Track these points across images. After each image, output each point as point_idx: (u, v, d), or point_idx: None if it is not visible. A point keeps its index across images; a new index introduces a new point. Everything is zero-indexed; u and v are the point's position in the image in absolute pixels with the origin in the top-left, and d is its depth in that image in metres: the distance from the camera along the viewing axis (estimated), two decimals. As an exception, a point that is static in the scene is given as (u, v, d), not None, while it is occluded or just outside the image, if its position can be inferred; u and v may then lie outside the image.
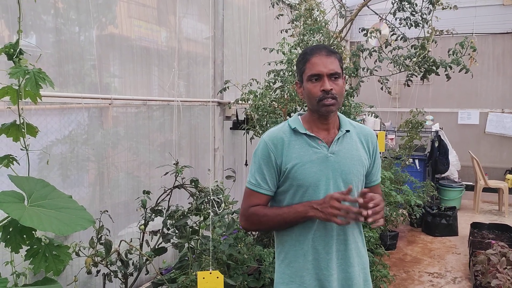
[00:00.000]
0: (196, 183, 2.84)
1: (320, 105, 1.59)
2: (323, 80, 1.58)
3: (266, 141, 1.66)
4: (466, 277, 4.26)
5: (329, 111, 1.61)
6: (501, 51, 7.49)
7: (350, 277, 1.65)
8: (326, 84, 1.57)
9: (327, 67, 1.58)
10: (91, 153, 2.85)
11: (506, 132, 7.43)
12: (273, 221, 1.64)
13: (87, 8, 2.76)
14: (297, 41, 3.59)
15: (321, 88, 1.58)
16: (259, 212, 1.65)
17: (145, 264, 2.70)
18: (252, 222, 1.69)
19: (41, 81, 1.54)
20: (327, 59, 1.59)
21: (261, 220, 1.65)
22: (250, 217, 1.68)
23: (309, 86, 1.61)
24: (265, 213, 1.64)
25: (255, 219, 1.66)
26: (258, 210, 1.65)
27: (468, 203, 7.00)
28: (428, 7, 3.82)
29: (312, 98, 1.61)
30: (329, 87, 1.57)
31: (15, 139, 1.66)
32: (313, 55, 1.61)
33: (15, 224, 1.45)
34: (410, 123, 5.99)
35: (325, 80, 1.58)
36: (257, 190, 1.66)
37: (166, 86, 3.48)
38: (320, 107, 1.60)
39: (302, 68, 1.65)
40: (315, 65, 1.59)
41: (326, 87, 1.57)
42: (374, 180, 1.79)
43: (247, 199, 1.69)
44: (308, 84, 1.61)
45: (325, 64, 1.58)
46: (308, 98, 1.63)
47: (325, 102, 1.58)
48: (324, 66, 1.58)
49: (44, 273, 1.54)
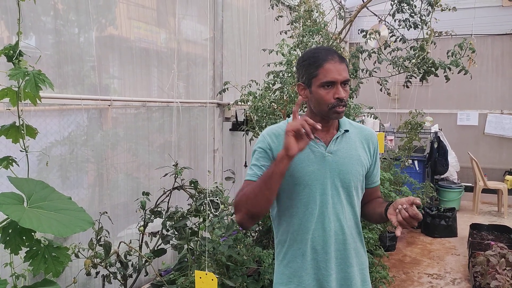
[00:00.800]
0: (195, 185, 2.84)
1: (332, 112, 1.58)
2: (336, 88, 1.56)
3: (265, 135, 1.67)
4: (465, 278, 4.26)
5: (339, 118, 1.62)
6: (500, 52, 7.51)
7: (349, 277, 1.65)
8: (341, 93, 1.55)
9: (341, 74, 1.56)
10: (91, 155, 2.85)
11: (505, 133, 7.44)
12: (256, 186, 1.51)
13: (86, 9, 2.77)
14: (297, 42, 3.59)
15: (335, 96, 1.55)
16: (244, 189, 1.56)
17: (144, 265, 2.70)
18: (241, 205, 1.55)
19: (40, 82, 1.55)
20: (341, 66, 1.57)
21: (247, 194, 1.53)
22: (238, 201, 1.57)
23: (322, 93, 1.57)
24: (248, 187, 1.55)
25: (243, 198, 1.55)
26: (243, 188, 1.58)
27: (467, 204, 7.01)
28: (427, 9, 3.82)
29: (323, 104, 1.58)
30: (343, 95, 1.56)
31: (14, 141, 1.66)
32: (327, 61, 1.57)
33: (15, 225, 1.45)
34: (409, 124, 6.00)
35: (339, 87, 1.56)
36: (252, 180, 1.59)
37: (166, 87, 3.48)
38: (331, 113, 1.58)
39: (313, 72, 1.59)
40: (329, 72, 1.55)
41: (341, 95, 1.55)
42: (375, 181, 1.79)
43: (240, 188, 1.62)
44: (320, 90, 1.57)
45: (340, 72, 1.56)
46: (318, 104, 1.60)
47: (338, 109, 1.57)
48: (339, 74, 1.56)
49: (43, 274, 1.54)
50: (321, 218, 1.61)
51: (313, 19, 3.74)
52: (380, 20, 4.40)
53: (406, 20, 3.91)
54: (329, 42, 3.67)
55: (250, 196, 1.52)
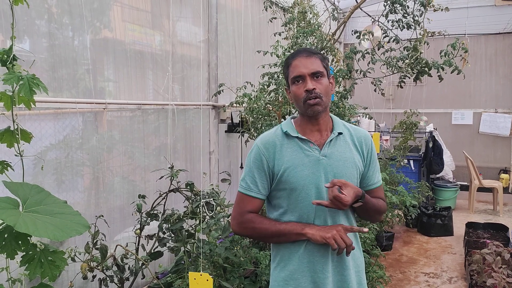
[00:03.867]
0: (191, 187, 2.84)
1: (306, 106, 1.62)
2: (305, 81, 1.61)
3: (258, 145, 1.68)
4: (461, 277, 4.28)
5: (316, 111, 1.62)
6: (494, 51, 7.55)
7: (345, 279, 1.66)
8: (309, 84, 1.60)
9: (308, 67, 1.61)
10: (86, 158, 2.85)
11: (499, 132, 7.48)
12: (268, 232, 1.63)
13: (80, 12, 2.76)
14: (291, 43, 3.60)
15: (304, 89, 1.61)
16: (256, 221, 1.65)
17: (141, 268, 2.69)
18: (246, 228, 1.67)
19: (35, 86, 1.55)
20: (307, 59, 1.63)
21: (256, 229, 1.64)
22: (244, 223, 1.67)
23: (294, 89, 1.65)
24: (261, 222, 1.65)
25: (250, 226, 1.65)
26: (255, 219, 1.65)
27: (463, 203, 7.04)
28: (420, 9, 3.84)
29: (298, 100, 1.64)
30: (311, 87, 1.59)
31: (9, 145, 1.66)
32: (294, 58, 1.66)
33: (10, 230, 1.45)
34: (404, 124, 6.02)
35: (307, 80, 1.61)
36: (247, 193, 1.66)
37: (161, 89, 3.48)
38: (306, 108, 1.62)
39: (286, 72, 1.70)
40: (296, 67, 1.63)
41: (308, 87, 1.60)
42: (372, 183, 1.77)
43: (240, 203, 1.69)
44: (293, 87, 1.65)
45: (306, 65, 1.62)
46: (295, 101, 1.66)
47: (310, 102, 1.60)
48: (305, 67, 1.61)
49: (39, 278, 1.54)
50: (317, 221, 1.62)
51: (307, 21, 3.75)
52: (374, 20, 4.42)
53: (399, 21, 3.93)
54: (323, 43, 3.68)
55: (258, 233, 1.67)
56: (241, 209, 1.68)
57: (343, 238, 1.52)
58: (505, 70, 7.51)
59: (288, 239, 1.62)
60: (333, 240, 1.52)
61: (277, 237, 1.63)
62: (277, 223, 1.64)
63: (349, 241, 1.53)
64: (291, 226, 1.60)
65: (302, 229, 1.57)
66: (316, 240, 1.55)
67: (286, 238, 1.62)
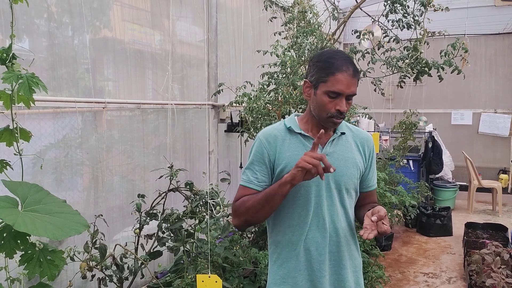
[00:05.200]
0: (191, 186, 2.84)
1: (329, 121, 1.58)
2: (340, 100, 1.55)
3: (260, 138, 1.66)
4: (461, 277, 4.28)
5: (334, 127, 1.63)
6: (493, 51, 7.56)
7: (342, 279, 1.65)
8: (343, 106, 1.55)
9: (350, 88, 1.54)
10: (85, 157, 2.85)
11: (499, 132, 7.49)
12: (258, 202, 1.55)
13: (80, 11, 2.76)
14: (291, 43, 3.60)
15: (336, 107, 1.55)
16: (245, 200, 1.60)
17: (140, 268, 2.69)
18: (241, 214, 1.61)
19: (34, 85, 1.54)
20: (352, 80, 1.55)
21: (248, 208, 1.57)
22: (237, 209, 1.62)
23: (325, 100, 1.56)
24: (249, 198, 1.59)
25: (243, 208, 1.59)
26: (244, 199, 1.61)
27: (462, 203, 7.04)
28: (420, 9, 3.84)
29: (323, 111, 1.57)
30: (345, 109, 1.55)
31: (8, 144, 1.66)
32: (340, 71, 1.54)
33: (9, 229, 1.44)
34: (404, 124, 6.02)
35: (343, 100, 1.55)
36: (247, 185, 1.63)
37: (160, 89, 3.48)
38: (328, 122, 1.58)
39: (323, 77, 1.56)
40: (339, 82, 1.53)
41: (343, 109, 1.55)
42: (370, 185, 1.78)
43: (237, 194, 1.66)
44: (324, 97, 1.56)
45: (349, 85, 1.54)
46: (318, 108, 1.59)
47: (335, 120, 1.57)
48: (347, 87, 1.54)
49: (38, 278, 1.54)
50: (315, 219, 1.62)
51: (307, 20, 3.75)
52: (374, 20, 4.42)
53: (399, 21, 3.92)
54: (323, 43, 3.68)
55: (250, 209, 1.57)
56: (236, 199, 1.66)
57: (312, 156, 1.41)
58: (504, 70, 7.51)
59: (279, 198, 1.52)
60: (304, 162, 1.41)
61: (267, 202, 1.53)
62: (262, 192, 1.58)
63: (320, 155, 1.42)
64: (273, 185, 1.54)
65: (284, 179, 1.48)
66: (295, 175, 1.44)
67: (275, 198, 1.52)
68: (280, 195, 1.51)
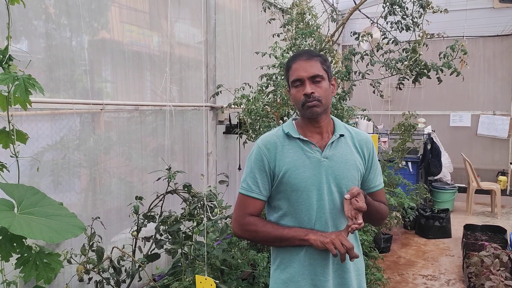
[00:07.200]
0: (189, 188, 2.83)
1: (305, 109, 1.62)
2: (304, 85, 1.61)
3: (259, 145, 1.67)
4: (460, 279, 4.27)
5: (314, 113, 1.62)
6: (492, 53, 7.57)
7: (346, 282, 1.65)
8: (307, 88, 1.60)
9: (307, 71, 1.61)
10: (83, 159, 2.83)
11: (497, 134, 7.49)
12: (270, 236, 1.61)
13: (78, 13, 2.75)
14: (289, 45, 3.59)
15: (302, 92, 1.61)
16: (258, 224, 1.63)
17: (137, 270, 2.68)
18: (247, 231, 1.66)
19: (30, 87, 1.53)
20: (307, 63, 1.62)
21: (259, 232, 1.63)
22: (246, 226, 1.65)
23: (293, 92, 1.65)
24: (263, 226, 1.63)
25: (252, 229, 1.64)
26: (257, 222, 1.64)
27: (461, 205, 7.04)
28: (419, 11, 3.84)
29: (297, 103, 1.65)
30: (309, 91, 1.60)
31: (4, 146, 1.64)
32: (294, 61, 1.65)
33: (5, 232, 1.43)
34: (402, 126, 6.02)
35: (306, 84, 1.61)
36: (248, 194, 1.65)
37: (159, 90, 3.47)
38: (305, 110, 1.63)
39: (287, 75, 1.70)
40: (296, 70, 1.63)
41: (306, 91, 1.60)
42: (374, 186, 1.76)
43: (241, 205, 1.68)
44: (293, 90, 1.66)
45: (305, 68, 1.61)
46: (295, 104, 1.67)
47: (308, 105, 1.61)
48: (304, 71, 1.61)
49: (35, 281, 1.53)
50: (318, 223, 1.61)
51: (306, 22, 3.75)
52: (372, 22, 4.42)
53: (398, 22, 3.92)
54: (322, 45, 3.67)
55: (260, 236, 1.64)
56: (243, 211, 1.66)
57: (342, 243, 1.50)
58: (503, 72, 7.53)
59: (291, 244, 1.61)
60: (331, 245, 1.50)
61: (279, 241, 1.62)
62: (279, 227, 1.62)
63: (350, 244, 1.51)
64: (294, 231, 1.59)
65: (305, 235, 1.56)
66: (318, 246, 1.54)
67: (288, 243, 1.61)
68: (296, 244, 1.61)
